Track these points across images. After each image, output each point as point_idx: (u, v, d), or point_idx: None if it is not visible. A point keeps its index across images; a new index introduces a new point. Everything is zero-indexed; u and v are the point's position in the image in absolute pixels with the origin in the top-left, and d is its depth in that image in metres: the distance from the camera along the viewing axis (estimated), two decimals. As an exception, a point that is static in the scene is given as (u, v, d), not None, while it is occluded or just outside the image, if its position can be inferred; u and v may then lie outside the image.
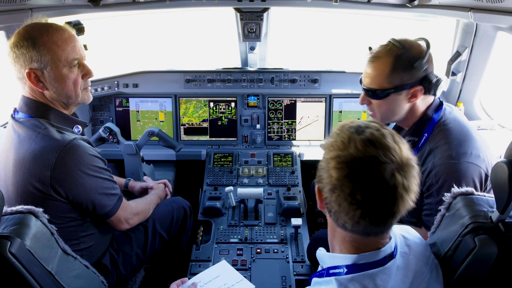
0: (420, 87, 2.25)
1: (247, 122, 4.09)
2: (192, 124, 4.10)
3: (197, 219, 3.27)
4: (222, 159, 3.95)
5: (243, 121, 4.08)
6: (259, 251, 2.92)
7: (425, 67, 2.20)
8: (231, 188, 3.30)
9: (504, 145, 1.60)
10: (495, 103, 3.99)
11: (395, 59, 2.22)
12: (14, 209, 1.72)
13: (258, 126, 4.09)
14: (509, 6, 2.27)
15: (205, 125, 4.11)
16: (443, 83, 2.31)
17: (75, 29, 2.87)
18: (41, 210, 1.77)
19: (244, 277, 2.46)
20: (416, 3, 2.72)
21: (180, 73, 3.98)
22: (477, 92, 3.57)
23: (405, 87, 2.25)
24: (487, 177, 2.17)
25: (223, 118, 4.09)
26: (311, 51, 13.33)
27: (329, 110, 4.07)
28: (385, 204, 1.33)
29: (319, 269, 1.65)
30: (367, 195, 1.32)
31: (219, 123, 4.10)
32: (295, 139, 4.13)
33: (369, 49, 2.37)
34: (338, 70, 4.02)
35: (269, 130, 4.11)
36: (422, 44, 2.25)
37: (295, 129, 4.12)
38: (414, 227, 2.05)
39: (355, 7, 3.17)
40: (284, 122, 4.10)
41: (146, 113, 4.07)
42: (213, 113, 4.08)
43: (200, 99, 4.04)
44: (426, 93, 2.28)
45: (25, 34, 2.08)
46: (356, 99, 3.87)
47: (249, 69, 4.12)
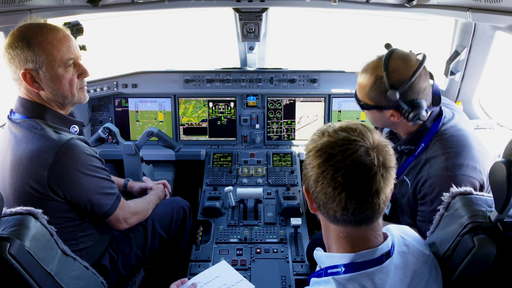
0: (396, 112, 2.24)
1: (246, 122, 4.09)
2: (191, 124, 4.10)
3: (196, 219, 3.26)
4: (221, 159, 3.95)
5: (242, 121, 4.08)
6: (258, 251, 2.92)
7: (397, 97, 2.14)
8: (231, 188, 3.30)
9: (502, 144, 1.61)
10: (493, 102, 4.00)
11: (375, 79, 2.21)
12: (13, 210, 1.72)
13: (257, 126, 4.09)
14: (507, 6, 2.28)
15: (204, 125, 4.11)
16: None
17: (74, 30, 2.87)
18: (40, 211, 1.77)
19: (244, 277, 2.46)
20: (414, 3, 2.73)
21: (179, 73, 3.98)
22: (476, 91, 3.58)
23: (382, 107, 2.25)
24: (482, 188, 2.17)
25: (222, 118, 4.09)
26: (310, 51, 13.31)
27: (328, 109, 4.08)
28: (365, 181, 1.38)
29: (317, 269, 1.66)
30: (347, 175, 1.37)
31: (218, 123, 4.10)
32: (294, 139, 4.13)
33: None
34: (337, 70, 4.02)
35: (268, 130, 4.11)
36: (412, 65, 2.17)
37: (294, 129, 4.12)
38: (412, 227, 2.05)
39: (354, 7, 3.17)
40: (283, 122, 4.10)
41: (145, 113, 4.07)
42: (212, 113, 4.08)
43: (199, 99, 4.04)
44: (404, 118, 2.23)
45: (19, 34, 2.08)
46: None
47: (248, 69, 4.12)
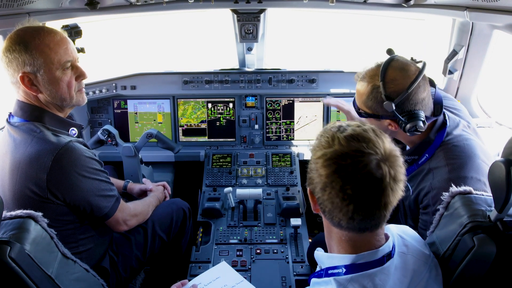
0: (394, 122, 2.22)
1: (245, 122, 4.09)
2: (190, 125, 4.10)
3: (196, 220, 3.27)
4: (220, 160, 3.95)
5: (241, 122, 4.09)
6: (258, 251, 2.93)
7: (393, 108, 2.11)
8: (230, 189, 3.31)
9: (501, 143, 1.61)
10: (492, 101, 4.00)
11: (372, 88, 2.19)
12: (13, 213, 1.72)
13: (256, 126, 4.09)
14: (504, 5, 2.28)
15: (204, 126, 4.10)
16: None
17: (72, 33, 2.87)
18: (40, 214, 1.77)
19: (244, 278, 2.46)
20: (412, 2, 2.72)
21: (178, 75, 3.98)
22: (474, 90, 3.58)
23: (379, 116, 2.24)
24: None
25: (221, 119, 4.09)
26: (308, 52, 13.31)
27: (327, 109, 4.08)
28: (375, 195, 1.36)
29: (318, 269, 1.66)
30: (357, 188, 1.35)
31: (218, 124, 4.10)
32: (293, 139, 4.13)
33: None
34: (335, 70, 4.02)
35: (267, 130, 4.11)
36: (410, 75, 2.12)
37: (293, 129, 4.12)
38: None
39: (351, 7, 3.17)
40: (282, 122, 4.10)
41: (144, 115, 4.07)
42: (211, 114, 4.08)
43: (198, 100, 4.04)
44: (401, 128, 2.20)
45: (16, 38, 2.08)
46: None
47: (246, 69, 4.12)
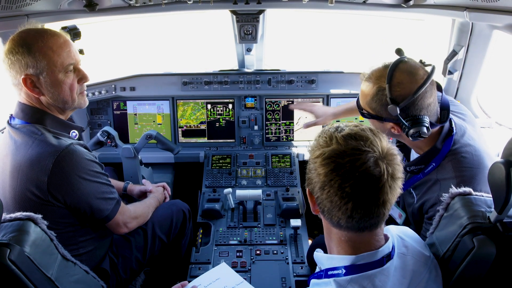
0: (397, 126, 2.18)
1: (244, 123, 4.08)
2: (190, 126, 4.10)
3: (196, 222, 3.27)
4: (220, 161, 3.95)
5: (241, 123, 4.08)
6: (258, 252, 2.92)
7: (397, 112, 2.06)
8: (230, 190, 3.30)
9: (501, 143, 1.61)
10: (492, 101, 4.00)
11: (377, 90, 2.15)
12: (13, 216, 1.72)
13: (256, 127, 4.09)
14: (504, 5, 2.28)
15: (203, 127, 4.10)
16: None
17: (71, 34, 2.87)
18: (40, 216, 1.77)
19: (244, 279, 2.46)
20: (411, 3, 2.72)
21: (177, 76, 3.98)
22: (474, 90, 3.58)
23: (382, 119, 2.20)
24: None
25: (221, 120, 4.09)
26: (308, 52, 13.31)
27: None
28: (373, 193, 1.37)
29: (317, 270, 1.66)
30: (355, 186, 1.35)
31: (217, 125, 4.10)
32: (293, 140, 4.13)
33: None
34: (335, 70, 4.02)
35: (267, 131, 4.11)
36: (418, 79, 2.07)
37: (293, 130, 4.11)
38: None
39: (351, 7, 3.16)
40: (281, 123, 4.10)
41: (143, 116, 4.07)
42: (211, 115, 4.08)
43: (197, 101, 4.04)
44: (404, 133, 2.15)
45: (19, 40, 2.08)
46: (353, 98, 3.87)
47: (246, 70, 4.12)
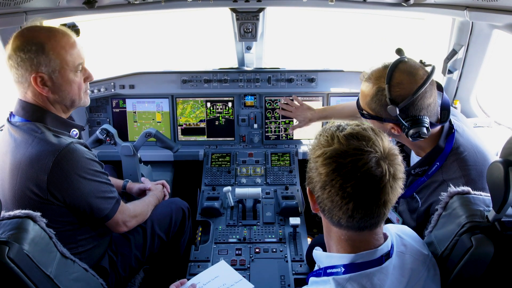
0: (397, 126, 2.18)
1: (244, 121, 4.08)
2: (189, 124, 4.10)
3: (195, 220, 3.27)
4: (219, 159, 3.95)
5: (240, 121, 4.08)
6: (257, 250, 2.93)
7: (397, 113, 2.07)
8: (229, 188, 3.30)
9: (500, 142, 1.62)
10: (491, 100, 4.00)
11: (377, 90, 2.15)
12: (12, 213, 1.72)
13: (255, 125, 4.09)
14: (504, 4, 2.28)
15: (203, 125, 4.10)
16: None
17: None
18: (39, 214, 1.77)
19: (243, 277, 2.47)
20: (411, 2, 2.72)
21: (176, 74, 3.98)
22: (474, 89, 3.58)
23: (382, 119, 2.20)
24: None
25: (220, 118, 4.09)
26: (308, 50, 13.31)
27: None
28: (375, 193, 1.37)
29: (316, 268, 1.66)
30: (356, 186, 1.35)
31: (217, 123, 4.10)
32: (292, 138, 4.13)
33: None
34: (335, 69, 4.01)
35: (266, 129, 4.11)
36: (417, 80, 2.07)
37: (290, 132, 4.11)
38: None
39: (351, 6, 3.16)
40: (281, 121, 4.10)
41: (143, 114, 4.06)
42: (210, 113, 4.08)
43: (197, 99, 4.04)
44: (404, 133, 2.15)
45: (32, 38, 2.07)
46: (353, 97, 3.87)
47: (245, 69, 4.12)
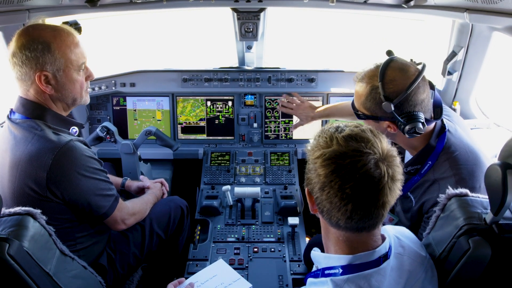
0: (392, 124, 2.19)
1: (244, 121, 4.09)
2: (189, 123, 4.10)
3: (194, 218, 3.28)
4: (219, 158, 3.95)
5: (240, 120, 4.09)
6: (256, 250, 2.94)
7: (392, 109, 2.09)
8: (228, 187, 3.31)
9: (499, 144, 1.62)
10: (491, 102, 4.01)
11: (371, 89, 2.17)
12: (12, 210, 1.73)
13: (255, 125, 4.09)
14: (504, 7, 2.28)
15: (202, 124, 4.10)
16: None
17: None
18: (39, 211, 1.78)
19: (241, 276, 2.47)
20: (412, 3, 2.73)
21: (177, 72, 3.98)
22: (473, 91, 3.58)
23: (378, 118, 2.22)
24: None
25: (220, 117, 4.09)
26: (309, 51, 13.29)
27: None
28: (373, 194, 1.37)
29: (314, 269, 1.67)
30: (355, 187, 1.36)
31: (216, 122, 4.10)
32: (292, 138, 4.13)
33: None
34: (335, 69, 4.02)
35: (266, 128, 4.11)
36: (409, 76, 2.10)
37: (291, 129, 4.11)
38: None
39: (352, 7, 3.16)
40: (281, 121, 4.10)
41: (143, 112, 4.07)
42: (210, 112, 4.08)
43: (197, 98, 4.04)
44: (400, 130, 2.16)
45: (38, 37, 2.07)
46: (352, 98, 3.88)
47: (246, 68, 4.12)
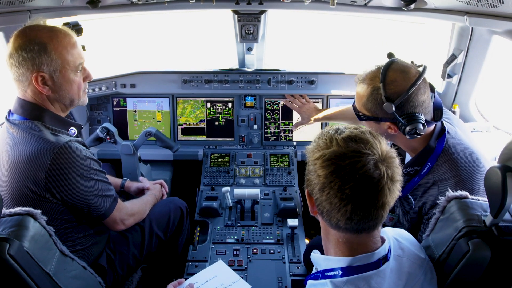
0: (393, 125, 2.20)
1: (244, 122, 4.09)
2: (189, 124, 4.11)
3: (193, 219, 3.28)
4: (219, 159, 3.96)
5: (240, 122, 4.09)
6: (255, 251, 2.94)
7: (393, 110, 2.09)
8: (228, 188, 3.31)
9: (499, 147, 1.63)
10: (490, 105, 4.01)
11: (372, 90, 2.18)
12: (12, 210, 1.73)
13: (255, 126, 4.10)
14: (504, 11, 2.29)
15: (202, 125, 4.11)
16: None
17: (73, 30, 2.89)
18: (39, 211, 1.78)
19: (240, 277, 2.48)
20: (412, 6, 2.73)
21: (177, 74, 3.99)
22: (473, 94, 3.59)
23: (379, 119, 2.22)
24: None
25: (220, 118, 4.10)
26: (309, 53, 13.32)
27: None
28: (373, 195, 1.38)
29: (314, 271, 1.67)
30: (355, 188, 1.37)
31: (216, 123, 4.11)
32: (291, 140, 4.14)
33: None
34: (335, 71, 4.02)
35: (266, 130, 4.12)
36: (410, 77, 2.11)
37: (291, 130, 4.12)
38: None
39: (352, 10, 3.17)
40: (280, 122, 4.11)
41: (143, 113, 4.07)
42: (210, 114, 4.09)
43: (197, 99, 4.05)
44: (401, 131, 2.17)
45: (34, 38, 2.08)
46: (352, 100, 3.88)
47: (246, 70, 4.12)
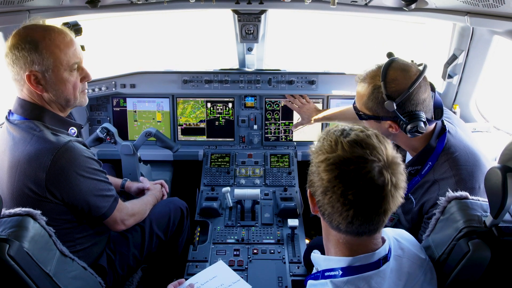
0: (394, 124, 2.20)
1: (244, 122, 4.09)
2: (189, 124, 4.10)
3: (194, 220, 3.28)
4: (219, 160, 3.96)
5: (240, 122, 4.09)
6: (255, 251, 2.94)
7: (394, 108, 2.09)
8: (228, 188, 3.31)
9: (499, 148, 1.63)
10: (491, 106, 4.01)
11: (373, 89, 2.17)
12: (12, 211, 1.73)
13: (255, 126, 4.10)
14: (505, 11, 2.29)
15: (203, 125, 4.11)
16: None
17: (72, 30, 2.88)
18: (39, 212, 1.78)
19: (240, 277, 2.48)
20: (413, 6, 2.73)
21: (177, 74, 3.98)
22: (473, 94, 3.59)
23: (380, 118, 2.22)
24: None
25: (220, 118, 4.10)
26: (309, 53, 13.31)
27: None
28: (376, 202, 1.37)
29: (314, 271, 1.67)
30: (358, 194, 1.36)
31: (216, 124, 4.11)
32: (292, 140, 4.14)
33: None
34: (335, 71, 4.02)
35: (266, 130, 4.12)
36: (411, 75, 2.12)
37: (292, 130, 4.12)
38: None
39: (353, 9, 3.17)
40: (281, 122, 4.11)
41: (143, 113, 4.07)
42: (211, 114, 4.08)
43: (197, 99, 4.04)
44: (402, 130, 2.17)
45: (26, 36, 2.07)
46: (353, 100, 3.88)
47: (246, 70, 4.12)
